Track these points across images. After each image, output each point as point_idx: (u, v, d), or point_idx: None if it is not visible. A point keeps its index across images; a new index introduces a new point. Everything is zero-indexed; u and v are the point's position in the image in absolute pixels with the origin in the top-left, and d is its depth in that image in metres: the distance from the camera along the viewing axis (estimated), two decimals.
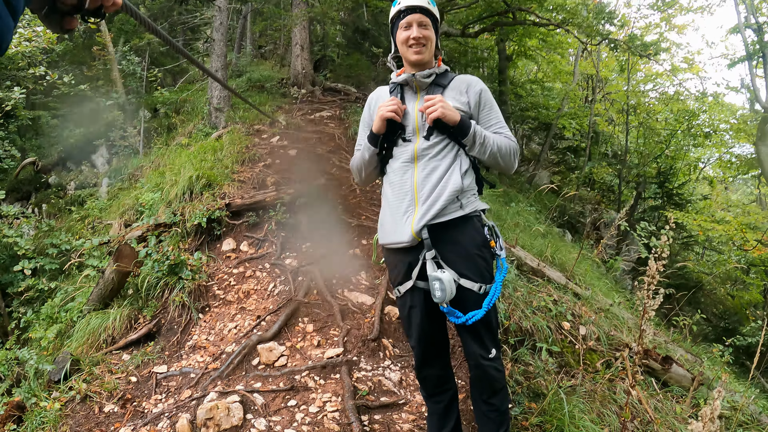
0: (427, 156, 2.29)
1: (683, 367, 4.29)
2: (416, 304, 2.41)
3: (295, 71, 11.87)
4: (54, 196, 10.48)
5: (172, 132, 10.49)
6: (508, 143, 2.33)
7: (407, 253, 2.36)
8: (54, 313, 4.96)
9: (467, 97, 2.35)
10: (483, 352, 2.36)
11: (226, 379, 3.52)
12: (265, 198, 5.64)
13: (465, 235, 2.30)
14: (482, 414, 2.53)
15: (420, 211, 2.26)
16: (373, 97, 2.55)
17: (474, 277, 2.27)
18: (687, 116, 12.73)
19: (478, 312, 2.24)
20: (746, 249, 11.86)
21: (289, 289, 4.52)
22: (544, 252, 5.56)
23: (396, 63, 2.51)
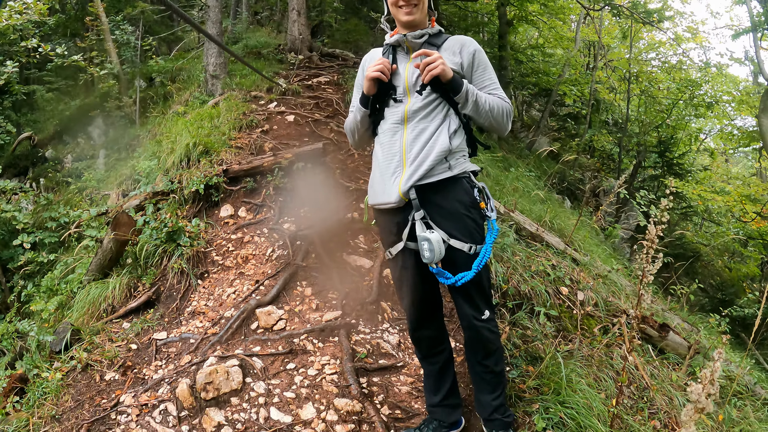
0: (417, 117, 2.29)
1: (680, 335, 4.31)
2: (408, 266, 2.42)
3: (292, 37, 11.66)
4: (51, 170, 10.39)
5: (168, 101, 10.37)
6: (501, 104, 2.32)
7: (396, 214, 2.37)
8: (54, 285, 4.97)
9: (460, 58, 2.33)
10: (475, 313, 2.38)
11: (225, 344, 3.54)
12: (262, 163, 5.59)
13: (453, 196, 2.30)
14: (477, 376, 2.57)
15: (408, 172, 2.26)
16: (366, 59, 2.54)
17: (463, 238, 2.27)
18: (689, 86, 12.58)
19: (467, 273, 2.25)
20: (745, 221, 11.89)
21: (288, 254, 4.51)
22: (543, 217, 5.55)
23: (389, 25, 2.48)
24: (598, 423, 2.73)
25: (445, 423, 2.69)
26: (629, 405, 3.34)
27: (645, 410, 3.29)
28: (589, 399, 2.94)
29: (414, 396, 3.11)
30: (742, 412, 3.72)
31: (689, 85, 12.53)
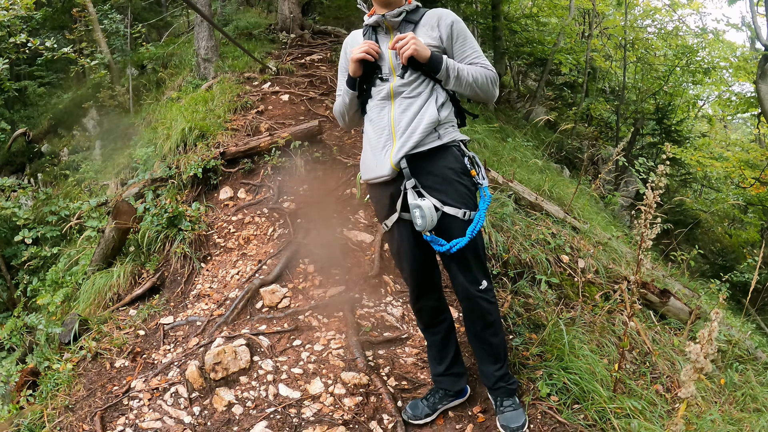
0: (403, 93, 2.32)
1: (681, 301, 4.36)
2: (404, 237, 2.45)
3: (283, 16, 11.53)
4: (48, 164, 10.41)
5: (161, 87, 10.29)
6: (484, 72, 2.34)
7: (389, 186, 2.40)
8: (59, 278, 4.99)
9: (438, 31, 2.34)
10: (473, 283, 2.40)
11: (232, 324, 3.57)
12: (259, 144, 5.58)
13: (444, 163, 2.33)
14: (478, 347, 2.61)
15: (398, 144, 2.30)
16: (348, 42, 2.55)
17: (457, 204, 2.29)
18: (686, 52, 12.48)
19: (461, 239, 2.27)
20: (744, 186, 11.88)
21: (289, 232, 4.53)
22: (542, 186, 5.56)
23: (366, 4, 2.49)
24: (600, 388, 2.77)
25: (450, 392, 2.73)
26: (632, 370, 3.39)
27: (647, 375, 3.34)
28: (592, 364, 2.97)
29: (419, 367, 3.15)
30: (744, 376, 3.77)
31: (686, 51, 12.42)
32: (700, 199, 14.09)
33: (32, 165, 11.04)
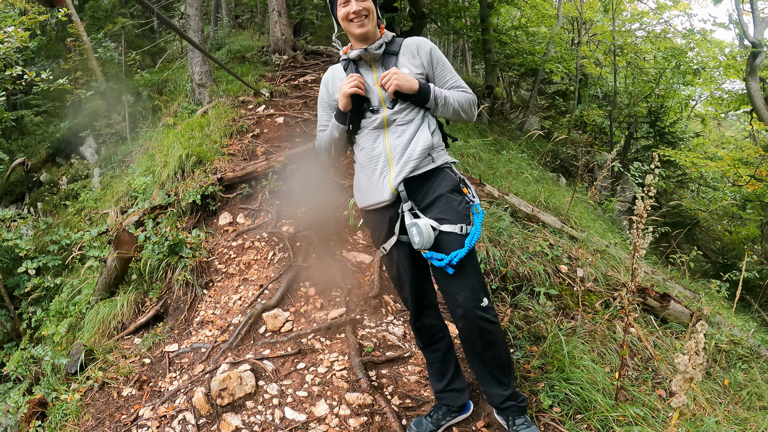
0: (396, 121, 2.39)
1: (681, 304, 4.38)
2: (402, 258, 2.50)
3: (275, 38, 11.67)
4: (48, 193, 10.46)
5: (157, 113, 10.40)
6: (466, 97, 2.45)
7: (387, 210, 2.45)
8: (63, 308, 5.02)
9: (420, 59, 2.43)
10: (474, 301, 2.32)
11: (236, 350, 3.60)
12: (256, 168, 5.65)
13: (439, 183, 2.41)
14: (481, 369, 2.53)
15: (396, 169, 2.37)
16: (328, 77, 2.59)
17: (453, 220, 2.34)
18: (675, 54, 12.60)
19: (461, 250, 2.29)
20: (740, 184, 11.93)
21: (289, 256, 4.58)
22: (538, 197, 5.61)
23: (341, 41, 2.56)
24: (603, 396, 2.80)
25: (453, 407, 2.75)
26: (634, 376, 3.42)
27: (649, 380, 3.36)
28: (593, 374, 3.00)
29: (422, 384, 3.18)
30: (749, 375, 3.79)
31: (675, 53, 12.54)
32: (698, 198, 14.13)
33: (31, 194, 11.09)
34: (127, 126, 10.45)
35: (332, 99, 2.54)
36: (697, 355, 1.70)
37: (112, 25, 12.47)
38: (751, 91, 10.72)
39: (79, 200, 8.63)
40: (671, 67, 12.65)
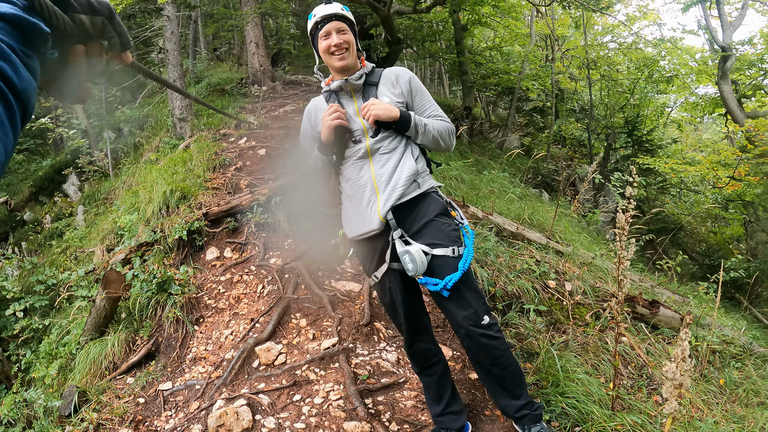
0: (380, 150, 2.43)
1: (671, 309, 4.44)
2: (395, 285, 2.52)
3: (253, 69, 11.79)
4: (32, 233, 10.34)
5: (139, 149, 10.39)
6: (445, 126, 2.49)
7: (377, 239, 2.49)
8: (52, 349, 4.96)
9: (399, 88, 2.49)
10: (473, 318, 2.35)
11: (230, 385, 3.58)
12: (240, 202, 5.66)
13: (427, 208, 2.44)
14: (492, 385, 2.56)
15: (383, 198, 2.40)
16: (310, 109, 2.64)
17: (445, 243, 2.37)
18: (647, 64, 12.89)
19: (454, 274, 2.32)
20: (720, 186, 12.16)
21: (278, 288, 4.59)
22: (522, 215, 5.68)
23: (322, 73, 2.60)
24: (599, 407, 2.83)
25: (452, 430, 2.76)
26: (629, 385, 3.46)
27: (644, 388, 3.40)
28: (588, 386, 3.04)
29: (419, 409, 3.18)
30: (744, 372, 3.84)
31: (647, 62, 12.83)
32: (680, 203, 14.32)
33: (15, 234, 10.96)
34: (109, 162, 10.42)
35: (315, 131, 2.57)
36: (684, 362, 1.74)
37: None
38: (724, 94, 10.97)
39: (64, 239, 8.55)
40: (644, 77, 12.93)
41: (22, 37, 0.67)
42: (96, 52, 0.84)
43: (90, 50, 0.83)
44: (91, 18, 0.80)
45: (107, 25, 0.83)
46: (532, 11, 13.52)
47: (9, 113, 0.61)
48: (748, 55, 12.09)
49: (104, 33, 0.83)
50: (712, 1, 11.92)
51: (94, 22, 0.80)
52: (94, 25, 0.81)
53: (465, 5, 11.24)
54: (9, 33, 0.65)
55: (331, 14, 2.38)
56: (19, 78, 0.64)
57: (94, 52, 0.83)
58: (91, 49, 0.83)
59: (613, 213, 10.91)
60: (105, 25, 0.83)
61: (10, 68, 0.62)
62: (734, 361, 4.03)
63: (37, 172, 11.98)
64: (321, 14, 2.40)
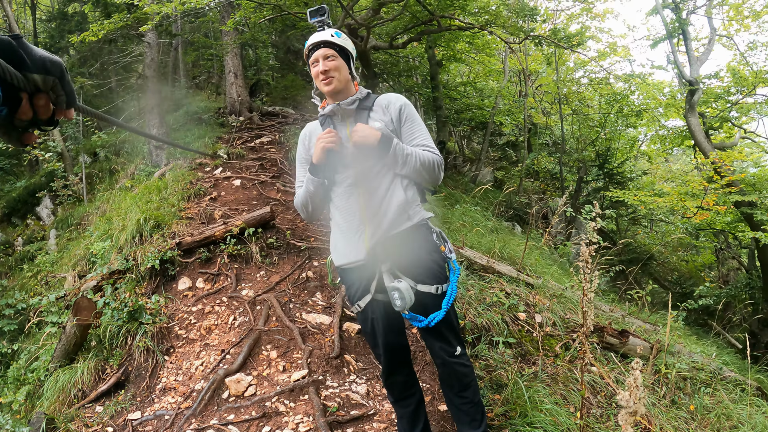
0: (368, 178, 2.41)
1: (640, 338, 4.53)
2: (377, 315, 2.53)
3: (231, 99, 11.87)
4: (2, 255, 10.14)
5: (114, 175, 10.34)
6: (431, 157, 2.41)
7: (363, 269, 2.47)
8: (20, 374, 4.86)
9: (389, 115, 2.47)
10: (449, 350, 2.50)
11: (200, 416, 3.57)
12: (214, 233, 5.67)
13: (416, 244, 2.44)
14: (457, 409, 2.65)
15: (370, 229, 2.39)
16: (305, 134, 2.65)
17: (430, 281, 2.41)
18: (617, 98, 13.24)
19: (438, 313, 2.39)
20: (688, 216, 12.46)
21: (249, 320, 4.60)
22: (493, 248, 5.77)
23: (319, 98, 2.63)
24: None
25: None
26: (599, 414, 3.51)
27: (612, 416, 3.46)
28: (556, 416, 3.09)
29: None
30: (715, 397, 3.92)
31: (617, 97, 13.20)
32: (651, 233, 14.59)
33: None
34: (84, 187, 10.33)
35: (309, 155, 2.56)
36: (638, 389, 1.82)
37: None
38: (692, 127, 11.27)
39: (36, 263, 8.40)
40: (615, 111, 13.30)
41: None
42: (42, 103, 0.91)
43: (37, 103, 0.90)
44: (43, 77, 0.88)
45: (57, 84, 0.91)
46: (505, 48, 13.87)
47: None
48: (714, 89, 12.50)
49: (54, 90, 0.92)
50: (679, 38, 12.36)
51: (45, 81, 0.89)
52: (45, 82, 0.89)
53: (440, 41, 11.49)
54: None
55: (319, 41, 2.41)
56: None
57: (41, 103, 0.91)
58: (38, 101, 0.91)
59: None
60: (55, 84, 0.91)
61: None
62: (705, 386, 4.10)
63: (11, 192, 11.79)
64: (310, 42, 2.44)
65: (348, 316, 4.64)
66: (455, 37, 11.18)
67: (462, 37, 11.28)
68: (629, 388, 1.88)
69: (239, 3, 7.74)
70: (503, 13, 9.17)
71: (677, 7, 11.92)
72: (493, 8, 9.19)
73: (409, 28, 9.85)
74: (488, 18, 9.02)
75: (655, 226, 15.29)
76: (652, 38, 14.02)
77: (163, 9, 7.38)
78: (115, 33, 10.04)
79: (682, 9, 11.93)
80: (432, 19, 8.80)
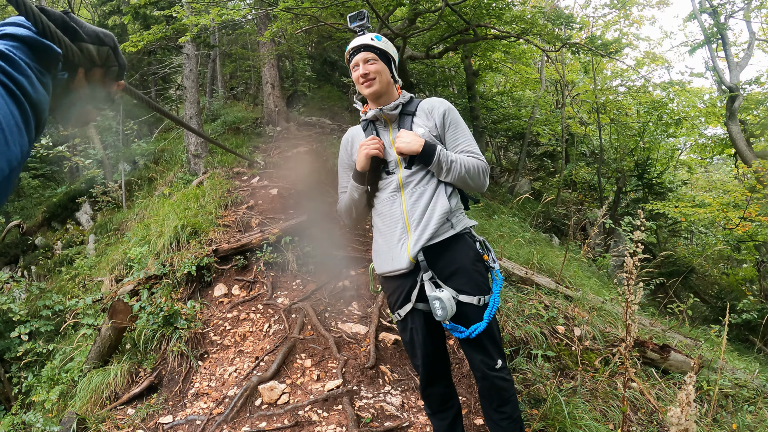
0: (412, 183, 2.37)
1: (681, 353, 4.36)
2: (417, 325, 2.47)
3: (269, 109, 12.01)
4: (42, 258, 10.41)
5: (153, 183, 10.54)
6: (476, 163, 2.37)
7: (405, 278, 2.42)
8: (55, 374, 4.95)
9: (433, 120, 2.42)
10: (489, 363, 2.41)
11: (231, 423, 3.55)
12: (251, 240, 5.71)
13: (459, 253, 2.37)
14: (495, 424, 2.56)
15: (414, 237, 2.34)
16: (348, 138, 2.61)
17: (472, 291, 2.34)
18: (656, 106, 12.93)
19: (480, 324, 2.31)
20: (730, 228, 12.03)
21: (284, 328, 4.59)
22: (531, 259, 5.65)
23: (361, 103, 2.59)
24: None
25: None
26: (639, 431, 3.38)
27: None
28: None
29: None
30: (758, 416, 3.74)
31: (656, 105, 12.88)
32: (691, 245, 14.17)
33: (26, 257, 11.02)
34: (123, 194, 10.56)
35: (351, 160, 2.54)
36: (689, 406, 1.71)
37: None
38: (733, 134, 10.95)
39: (74, 266, 8.59)
40: (654, 119, 12.98)
41: (36, 57, 0.77)
42: (97, 77, 0.93)
43: (91, 76, 0.92)
44: (97, 48, 0.90)
45: (110, 55, 0.93)
46: (542, 57, 13.72)
47: (25, 120, 0.70)
48: (755, 95, 12.13)
49: (107, 62, 0.93)
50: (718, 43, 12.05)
51: (100, 52, 0.91)
52: (99, 54, 0.91)
53: (476, 51, 11.44)
54: (26, 53, 0.75)
55: (359, 45, 2.40)
56: (35, 91, 0.73)
57: (95, 77, 0.93)
58: (93, 75, 0.92)
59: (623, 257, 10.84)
60: (109, 55, 0.93)
61: (27, 82, 0.72)
62: (747, 404, 3.92)
63: (52, 198, 12.15)
64: (351, 46, 2.43)
65: (384, 326, 4.59)
66: (491, 47, 11.12)
67: (498, 46, 11.21)
68: (681, 404, 1.78)
69: (276, 15, 7.81)
70: (539, 21, 9.04)
71: (715, 11, 11.62)
72: (528, 17, 9.06)
73: (445, 38, 9.82)
74: (524, 27, 8.92)
75: (695, 237, 14.82)
76: (690, 44, 13.70)
77: (201, 21, 7.51)
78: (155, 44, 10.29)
79: (720, 13, 11.63)
80: (468, 28, 8.74)
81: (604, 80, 15.33)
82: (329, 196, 6.85)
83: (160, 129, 14.29)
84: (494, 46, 11.12)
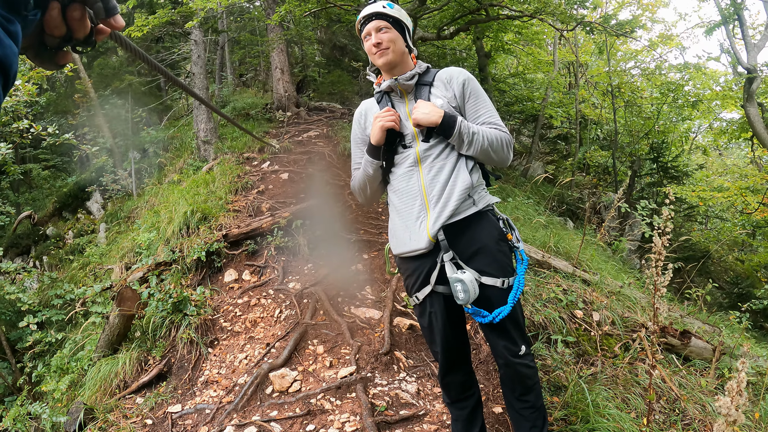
0: (431, 157, 2.23)
1: (702, 339, 4.23)
2: (436, 309, 2.33)
3: (278, 95, 11.93)
4: (53, 247, 10.45)
5: (162, 170, 10.52)
6: (499, 135, 2.21)
7: (424, 258, 2.28)
8: (64, 364, 4.93)
9: (452, 91, 2.27)
10: (513, 349, 2.27)
11: (242, 411, 3.48)
12: (261, 225, 5.63)
13: (482, 231, 2.23)
14: (517, 413, 2.44)
15: (433, 214, 2.19)
16: (361, 112, 2.47)
17: (496, 273, 2.20)
18: (671, 89, 12.70)
19: (504, 308, 2.18)
20: (749, 212, 11.82)
21: (296, 313, 4.49)
22: (548, 243, 5.52)
23: (375, 73, 2.44)
24: None
25: None
26: (661, 420, 3.28)
27: (678, 422, 3.22)
28: (620, 422, 2.87)
29: None
30: None
31: (671, 87, 12.64)
32: (706, 231, 14.00)
33: (37, 247, 11.08)
34: (133, 182, 10.54)
35: (365, 134, 2.41)
36: (740, 396, 1.59)
37: (120, 82, 12.74)
38: (751, 117, 10.69)
39: (85, 255, 8.61)
40: (669, 102, 12.74)
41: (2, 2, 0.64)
42: (78, 16, 0.78)
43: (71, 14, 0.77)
44: None
45: None
46: (555, 39, 13.50)
47: None
48: None
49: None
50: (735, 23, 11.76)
51: None
52: None
53: (488, 32, 11.25)
54: None
55: (371, 14, 2.25)
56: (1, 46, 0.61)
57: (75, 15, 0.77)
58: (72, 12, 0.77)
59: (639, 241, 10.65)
60: None
61: None
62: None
63: (62, 188, 12.19)
64: (362, 15, 2.28)
65: (399, 311, 4.47)
66: (503, 28, 10.94)
67: (510, 27, 11.03)
68: (730, 393, 1.65)
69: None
70: (553, 0, 8.82)
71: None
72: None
73: (456, 18, 9.63)
74: (538, 6, 8.71)
75: (710, 222, 14.62)
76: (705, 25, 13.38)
77: (207, 4, 7.39)
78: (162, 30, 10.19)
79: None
80: (479, 8, 8.56)
81: (618, 62, 15.07)
82: (340, 179, 6.76)
83: (169, 116, 14.25)
84: (506, 26, 10.96)
